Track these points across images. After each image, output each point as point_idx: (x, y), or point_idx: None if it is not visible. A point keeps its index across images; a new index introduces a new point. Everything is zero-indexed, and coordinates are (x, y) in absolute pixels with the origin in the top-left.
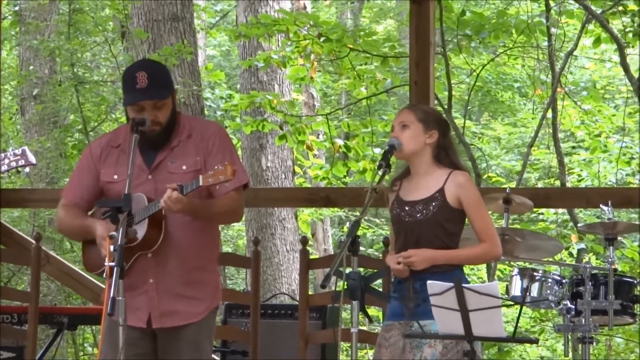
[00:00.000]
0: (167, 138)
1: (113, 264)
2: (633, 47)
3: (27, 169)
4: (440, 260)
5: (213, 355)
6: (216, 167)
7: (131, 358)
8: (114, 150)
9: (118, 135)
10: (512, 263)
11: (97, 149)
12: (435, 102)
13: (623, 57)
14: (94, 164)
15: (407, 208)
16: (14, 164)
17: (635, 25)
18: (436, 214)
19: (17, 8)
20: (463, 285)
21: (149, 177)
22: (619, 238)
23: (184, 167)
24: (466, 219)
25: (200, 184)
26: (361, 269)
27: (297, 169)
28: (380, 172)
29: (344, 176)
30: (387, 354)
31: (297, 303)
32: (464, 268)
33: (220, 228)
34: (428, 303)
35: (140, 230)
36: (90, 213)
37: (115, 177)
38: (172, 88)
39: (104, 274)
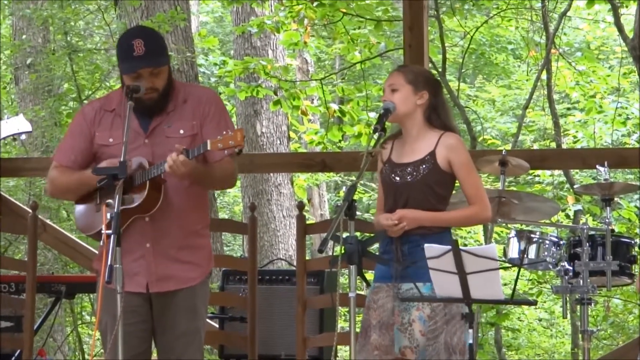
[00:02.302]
0: (163, 104)
1: (110, 231)
2: (627, 7)
3: (23, 136)
4: (427, 222)
5: (211, 322)
6: (225, 132)
7: (132, 326)
8: (108, 114)
9: (111, 100)
10: (509, 225)
11: (90, 112)
12: (430, 65)
13: (617, 17)
14: (87, 127)
15: (397, 170)
16: (10, 131)
17: None
18: (426, 176)
19: None
20: (461, 248)
21: (145, 141)
22: (615, 199)
23: (182, 131)
24: (456, 183)
25: (209, 148)
26: (358, 233)
27: (292, 134)
28: (375, 136)
29: (339, 141)
30: (375, 316)
31: (294, 268)
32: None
33: (215, 194)
34: (417, 266)
35: (140, 194)
36: None
37: (111, 140)
38: (168, 55)
39: (99, 236)
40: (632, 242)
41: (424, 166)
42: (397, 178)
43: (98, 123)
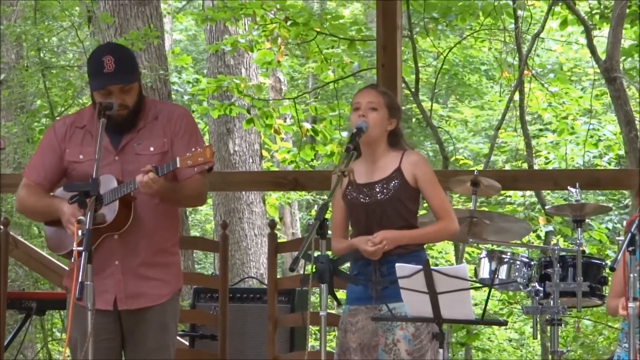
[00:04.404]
0: (134, 121)
1: (81, 248)
2: (600, 29)
3: None
4: (404, 241)
5: (182, 339)
6: (194, 149)
7: (100, 342)
8: (78, 131)
9: (82, 116)
10: (480, 245)
11: (61, 129)
12: (403, 85)
13: (590, 39)
14: (58, 143)
15: (365, 190)
16: None
17: (602, 7)
18: (397, 192)
19: None
20: (432, 267)
21: (115, 158)
22: (586, 220)
23: (152, 149)
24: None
25: (178, 165)
26: (329, 252)
27: (265, 153)
28: (348, 155)
29: (312, 160)
30: (355, 339)
31: (265, 287)
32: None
33: (187, 212)
34: (396, 285)
35: (111, 212)
36: (52, 194)
37: (81, 157)
38: (138, 72)
39: (70, 255)
40: (603, 263)
41: (393, 182)
42: (367, 198)
43: (69, 139)
